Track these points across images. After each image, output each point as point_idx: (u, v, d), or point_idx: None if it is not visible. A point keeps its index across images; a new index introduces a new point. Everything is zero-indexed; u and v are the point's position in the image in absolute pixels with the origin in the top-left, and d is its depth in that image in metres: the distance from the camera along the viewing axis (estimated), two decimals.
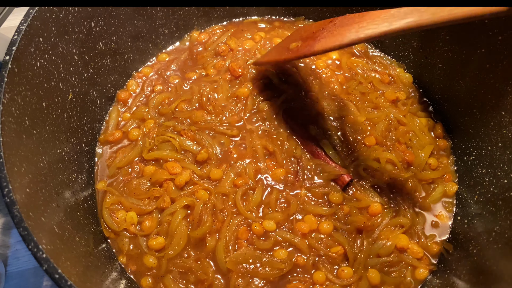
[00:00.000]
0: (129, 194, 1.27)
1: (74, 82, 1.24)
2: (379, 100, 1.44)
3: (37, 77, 1.07)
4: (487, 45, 1.24)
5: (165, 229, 1.21)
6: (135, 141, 1.36)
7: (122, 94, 1.47)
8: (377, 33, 0.94)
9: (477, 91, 1.30)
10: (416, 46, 1.49)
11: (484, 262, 1.11)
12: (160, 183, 1.27)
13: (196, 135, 1.34)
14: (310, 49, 1.10)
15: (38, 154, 1.05)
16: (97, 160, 1.36)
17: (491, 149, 1.26)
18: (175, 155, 1.30)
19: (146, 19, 1.47)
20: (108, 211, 1.24)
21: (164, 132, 1.34)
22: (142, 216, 1.24)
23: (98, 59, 1.35)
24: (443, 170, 1.36)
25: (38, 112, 1.07)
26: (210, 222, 1.20)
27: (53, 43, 1.13)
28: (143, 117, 1.41)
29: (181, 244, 1.19)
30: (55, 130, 1.15)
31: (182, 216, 1.22)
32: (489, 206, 1.20)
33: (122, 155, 1.34)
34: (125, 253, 1.21)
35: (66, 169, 1.18)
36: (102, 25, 1.32)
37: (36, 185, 0.99)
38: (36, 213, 0.92)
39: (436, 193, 1.32)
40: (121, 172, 1.32)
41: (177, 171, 1.27)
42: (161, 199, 1.24)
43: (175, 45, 1.63)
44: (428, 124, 1.43)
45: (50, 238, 0.91)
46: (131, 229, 1.22)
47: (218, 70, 1.50)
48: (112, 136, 1.38)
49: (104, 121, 1.43)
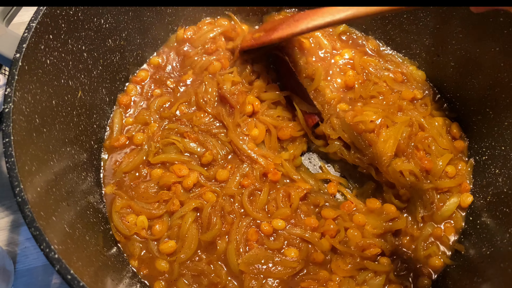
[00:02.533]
0: (138, 198, 1.25)
1: (83, 79, 1.23)
2: (401, 102, 1.40)
3: (47, 74, 1.06)
4: (502, 43, 1.22)
5: (175, 232, 1.20)
6: (140, 145, 1.34)
7: (124, 98, 1.43)
8: (323, 23, 1.16)
9: (491, 90, 1.29)
10: (428, 44, 1.47)
11: (498, 264, 1.10)
12: (168, 186, 1.26)
13: (199, 136, 1.32)
14: (268, 38, 1.31)
15: (49, 153, 1.04)
16: (103, 165, 1.34)
17: (505, 149, 1.24)
18: (181, 157, 1.29)
19: (155, 15, 1.46)
20: (118, 215, 1.23)
21: (168, 135, 1.32)
22: (152, 220, 1.23)
23: (107, 56, 1.34)
24: (460, 179, 1.31)
25: (48, 110, 1.07)
26: (219, 225, 1.18)
27: (63, 40, 1.12)
28: (146, 121, 1.38)
29: (192, 248, 1.18)
30: (65, 128, 1.14)
31: (192, 219, 1.20)
32: (502, 207, 1.18)
33: (128, 160, 1.32)
34: (137, 257, 1.20)
35: (75, 168, 1.17)
36: (111, 22, 1.30)
37: (47, 184, 0.98)
38: (47, 212, 0.91)
39: (450, 205, 1.27)
40: (128, 176, 1.30)
41: (185, 173, 1.26)
42: (170, 202, 1.22)
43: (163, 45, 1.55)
44: (445, 124, 1.39)
45: (61, 238, 0.90)
46: (142, 234, 1.21)
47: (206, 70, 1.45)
48: (118, 142, 1.35)
49: (107, 126, 1.40)
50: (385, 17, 1.53)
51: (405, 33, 1.51)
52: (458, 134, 1.39)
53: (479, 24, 1.28)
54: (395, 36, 1.55)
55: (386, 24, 1.54)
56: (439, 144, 1.33)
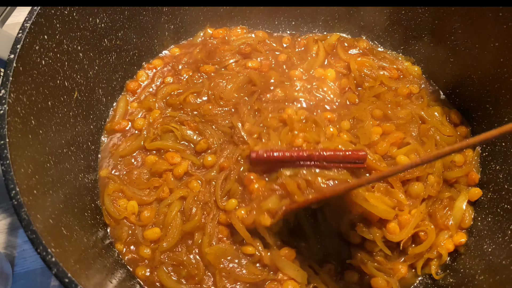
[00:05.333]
0: (130, 184, 1.26)
1: (79, 80, 1.22)
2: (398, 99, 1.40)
3: (42, 75, 1.04)
4: (501, 39, 1.21)
5: (161, 220, 1.21)
6: (140, 131, 1.36)
7: (132, 84, 1.46)
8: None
9: (490, 86, 1.28)
10: (427, 40, 1.46)
11: (499, 261, 1.09)
12: (160, 174, 1.27)
13: (200, 126, 1.33)
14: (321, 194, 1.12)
15: (45, 154, 1.03)
16: (101, 148, 1.35)
17: (505, 145, 1.23)
18: (176, 146, 1.30)
19: (151, 14, 1.44)
20: (110, 198, 1.24)
21: (168, 122, 1.34)
22: (142, 206, 1.24)
23: (104, 56, 1.33)
24: (467, 168, 1.29)
25: (44, 111, 1.05)
26: (199, 216, 1.19)
27: (58, 41, 1.10)
28: (150, 106, 1.40)
29: (175, 237, 1.18)
30: (61, 129, 1.13)
31: (178, 209, 1.21)
32: (503, 203, 1.18)
33: (126, 144, 1.34)
34: (123, 241, 1.21)
35: (72, 169, 1.16)
36: (107, 22, 1.29)
37: (43, 186, 0.97)
38: (44, 215, 0.90)
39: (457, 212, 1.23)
40: (124, 161, 1.31)
41: (176, 161, 1.27)
42: (160, 189, 1.24)
43: (188, 39, 1.61)
44: (444, 112, 1.39)
45: (58, 241, 0.89)
46: (131, 219, 1.22)
47: (239, 67, 1.48)
48: (119, 125, 1.37)
49: (111, 109, 1.42)
50: (383, 13, 1.51)
51: (403, 29, 1.50)
52: (459, 119, 1.38)
53: (478, 20, 1.26)
54: (393, 33, 1.54)
55: (384, 20, 1.53)
56: (442, 133, 1.32)
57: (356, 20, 1.58)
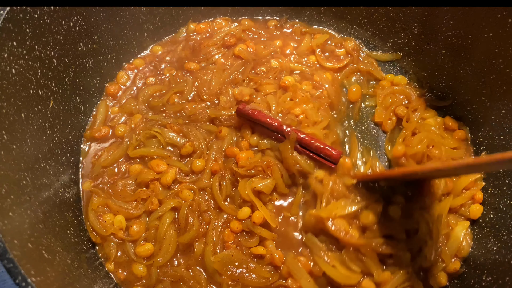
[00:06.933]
0: (115, 197, 1.19)
1: (54, 88, 1.14)
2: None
3: (13, 85, 0.96)
4: (495, 28, 1.17)
5: (153, 234, 1.15)
6: (122, 138, 1.28)
7: (112, 87, 1.38)
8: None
9: (486, 77, 1.24)
10: (417, 32, 1.41)
11: (504, 259, 1.05)
12: (146, 184, 1.20)
13: (183, 128, 1.26)
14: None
15: (20, 171, 0.95)
16: (82, 159, 1.27)
17: (504, 138, 1.20)
18: (161, 152, 1.24)
19: (128, 15, 1.36)
20: (94, 214, 1.16)
21: (151, 127, 1.26)
22: (130, 220, 1.17)
23: (80, 61, 1.24)
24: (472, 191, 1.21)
25: (17, 124, 0.97)
26: (197, 226, 1.13)
27: (29, 47, 1.02)
28: (132, 111, 1.33)
29: (170, 251, 1.12)
30: (37, 142, 1.05)
31: (170, 220, 1.15)
32: (505, 199, 1.14)
33: (107, 153, 1.26)
34: (113, 259, 1.13)
35: (51, 184, 1.08)
36: (81, 24, 1.21)
37: (20, 207, 0.89)
38: (21, 239, 0.82)
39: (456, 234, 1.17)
40: (107, 172, 1.24)
41: (163, 169, 1.20)
42: (148, 201, 1.17)
43: (171, 36, 1.54)
44: (437, 123, 1.33)
45: (39, 267, 0.82)
46: (119, 234, 1.14)
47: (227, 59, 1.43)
48: (99, 132, 1.30)
49: (91, 116, 1.34)
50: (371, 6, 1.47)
51: (392, 21, 1.46)
52: (455, 125, 1.33)
53: (470, 9, 1.22)
54: (382, 26, 1.49)
55: (372, 13, 1.48)
56: (445, 145, 1.26)
57: (343, 14, 1.53)
